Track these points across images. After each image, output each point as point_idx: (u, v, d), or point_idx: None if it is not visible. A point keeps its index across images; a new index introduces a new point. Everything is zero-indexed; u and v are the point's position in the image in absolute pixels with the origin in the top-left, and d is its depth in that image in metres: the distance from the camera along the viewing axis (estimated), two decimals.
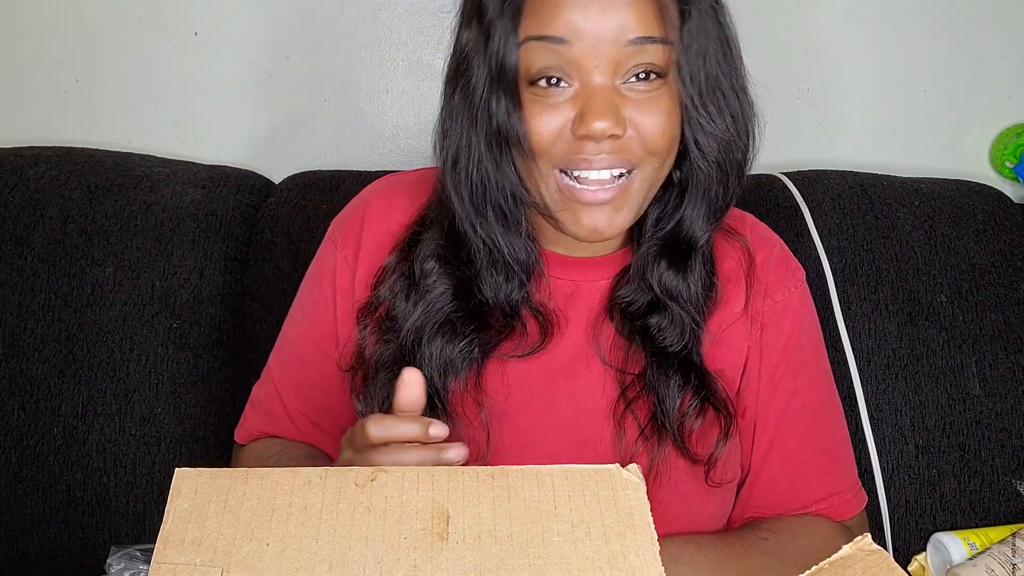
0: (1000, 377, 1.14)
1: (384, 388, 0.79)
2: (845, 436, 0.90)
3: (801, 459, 0.85)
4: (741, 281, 0.85)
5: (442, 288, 0.80)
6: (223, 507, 0.53)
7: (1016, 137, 1.36)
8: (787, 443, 0.85)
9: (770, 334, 0.84)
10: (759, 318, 0.84)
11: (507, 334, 0.81)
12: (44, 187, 1.17)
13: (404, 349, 0.80)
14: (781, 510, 0.86)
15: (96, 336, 1.12)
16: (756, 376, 0.84)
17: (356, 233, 0.86)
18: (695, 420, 0.79)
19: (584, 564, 0.50)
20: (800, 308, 0.86)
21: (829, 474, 0.87)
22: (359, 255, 0.85)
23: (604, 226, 0.74)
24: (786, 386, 0.85)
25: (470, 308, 0.80)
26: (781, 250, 0.89)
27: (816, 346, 0.89)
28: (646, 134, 0.72)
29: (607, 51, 0.69)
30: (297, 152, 1.37)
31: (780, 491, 0.85)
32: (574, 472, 0.56)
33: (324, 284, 0.87)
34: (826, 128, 1.37)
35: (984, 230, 1.21)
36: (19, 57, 1.33)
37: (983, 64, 1.36)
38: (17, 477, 1.10)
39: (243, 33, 1.32)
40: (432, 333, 0.79)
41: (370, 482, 0.54)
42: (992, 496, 1.12)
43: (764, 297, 0.85)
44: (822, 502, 0.85)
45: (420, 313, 0.79)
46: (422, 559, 0.50)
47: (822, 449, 0.86)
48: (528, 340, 0.81)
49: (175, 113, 1.35)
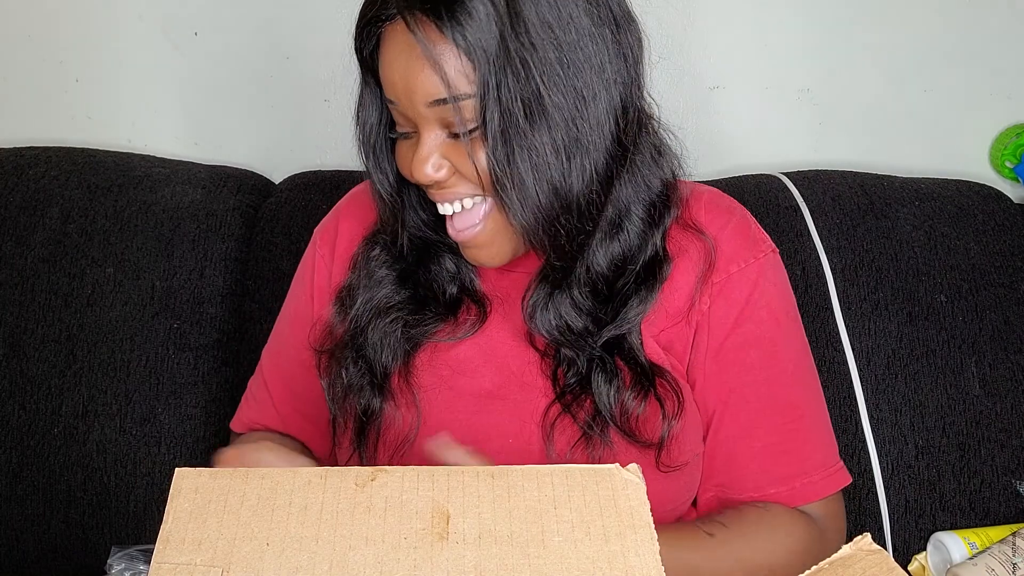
0: (1000, 377, 1.14)
1: (341, 366, 0.84)
2: (815, 414, 0.87)
3: (753, 437, 0.83)
4: (694, 273, 0.83)
5: (383, 274, 0.85)
6: (223, 507, 0.53)
7: (1016, 137, 1.36)
8: (736, 420, 0.83)
9: (719, 305, 0.83)
10: (710, 289, 0.83)
11: (441, 320, 0.85)
12: (44, 187, 1.18)
13: (350, 331, 0.85)
14: (738, 491, 0.84)
15: (96, 336, 1.12)
16: (704, 349, 0.83)
17: (332, 233, 0.93)
18: (639, 406, 0.79)
19: (584, 564, 0.50)
20: (759, 279, 0.84)
21: (787, 453, 0.83)
22: (335, 252, 0.91)
23: (485, 259, 0.80)
24: (735, 358, 0.83)
25: (407, 294, 0.85)
26: (740, 221, 0.87)
27: (778, 319, 0.85)
28: (468, 176, 0.75)
29: (418, 110, 0.73)
30: (297, 152, 1.37)
31: (733, 472, 0.83)
32: (574, 472, 0.56)
33: (304, 282, 0.93)
34: (826, 128, 1.37)
35: (984, 230, 1.21)
36: (19, 57, 1.33)
37: (983, 64, 1.36)
38: (17, 477, 1.10)
39: (243, 33, 1.32)
40: (370, 316, 0.84)
41: (370, 482, 0.54)
42: (992, 496, 1.12)
43: (717, 269, 0.83)
44: (781, 483, 0.83)
45: (363, 299, 0.85)
46: (422, 559, 0.50)
47: (778, 426, 0.83)
48: (461, 325, 0.85)
49: (175, 113, 1.35)
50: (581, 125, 0.73)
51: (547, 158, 0.72)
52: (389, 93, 0.76)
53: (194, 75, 1.34)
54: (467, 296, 0.86)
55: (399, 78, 0.73)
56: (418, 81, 0.72)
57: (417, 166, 0.75)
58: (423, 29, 0.70)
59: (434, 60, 0.70)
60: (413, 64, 0.72)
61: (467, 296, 0.86)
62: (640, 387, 0.80)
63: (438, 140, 0.75)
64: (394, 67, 0.73)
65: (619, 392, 0.79)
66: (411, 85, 0.72)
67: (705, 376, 0.84)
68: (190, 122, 1.36)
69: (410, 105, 0.74)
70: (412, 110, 0.74)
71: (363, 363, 0.84)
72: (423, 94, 0.72)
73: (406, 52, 0.72)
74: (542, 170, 0.73)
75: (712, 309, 0.83)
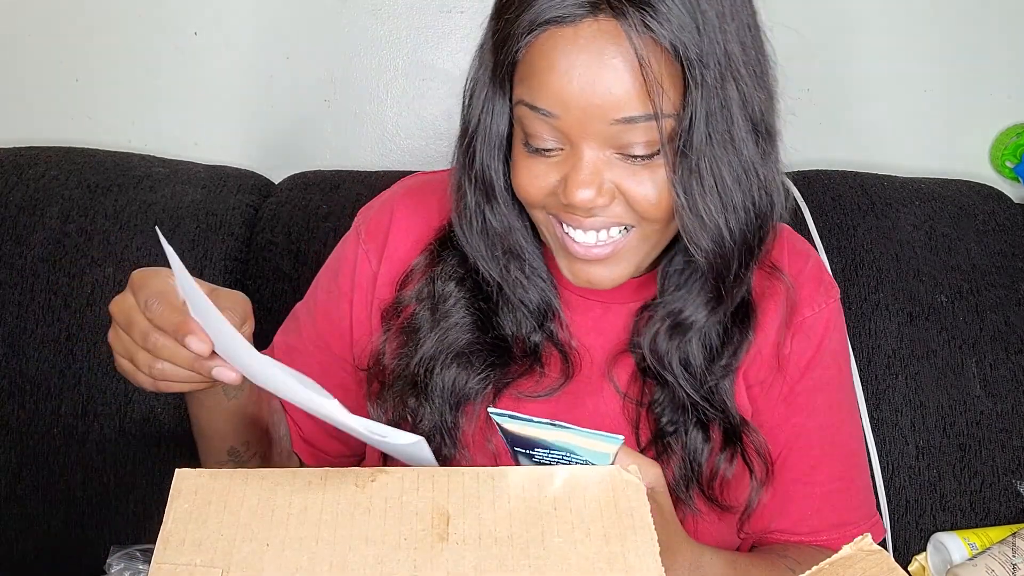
0: (1000, 377, 1.14)
1: (398, 399, 0.78)
2: (863, 465, 0.87)
3: (814, 482, 0.82)
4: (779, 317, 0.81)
5: (460, 316, 0.78)
6: (223, 507, 0.53)
7: (1016, 137, 1.36)
8: (800, 463, 0.82)
9: (795, 349, 0.81)
10: (788, 332, 0.81)
11: (526, 372, 0.78)
12: (44, 187, 1.17)
13: (418, 374, 0.78)
14: (789, 534, 0.83)
15: (96, 336, 1.12)
16: (776, 392, 0.82)
17: (383, 229, 0.83)
18: (728, 468, 0.76)
19: (584, 564, 0.50)
20: (829, 324, 0.82)
21: (844, 501, 0.83)
22: (384, 253, 0.82)
23: (599, 280, 0.72)
24: (804, 403, 0.82)
25: (488, 341, 0.78)
26: (815, 265, 0.85)
27: (841, 368, 0.84)
28: (636, 204, 0.68)
29: (594, 127, 0.65)
30: (297, 152, 1.37)
31: (790, 513, 0.82)
32: (574, 473, 0.56)
33: (342, 276, 0.85)
34: (826, 128, 1.37)
35: (984, 230, 1.21)
36: (19, 57, 1.33)
37: (983, 64, 1.36)
38: (17, 477, 1.10)
39: (243, 33, 1.32)
40: (447, 362, 0.77)
41: (370, 483, 0.54)
42: (992, 496, 1.12)
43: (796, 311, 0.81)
44: (833, 530, 0.82)
45: (436, 339, 0.77)
46: (422, 560, 0.50)
47: (837, 474, 0.83)
48: (547, 381, 0.78)
49: (175, 113, 1.35)
50: (775, 144, 0.71)
51: (756, 179, 0.68)
52: (547, 103, 0.65)
53: (194, 75, 1.34)
54: (551, 343, 0.79)
55: (577, 88, 0.63)
56: (610, 95, 0.63)
57: (577, 188, 0.66)
58: (638, 33, 0.62)
59: (648, 71, 0.62)
60: (605, 75, 0.63)
61: (551, 343, 0.79)
62: (731, 447, 0.77)
63: (604, 159, 0.66)
64: (571, 76, 0.63)
65: (711, 452, 0.76)
66: (594, 98, 0.63)
67: (773, 418, 0.82)
68: (190, 122, 1.36)
69: (581, 120, 0.64)
70: (581, 125, 0.65)
71: (432, 409, 0.77)
72: (611, 110, 0.64)
73: (595, 59, 0.63)
74: (751, 192, 0.68)
75: (789, 353, 0.81)
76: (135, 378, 0.66)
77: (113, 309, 0.65)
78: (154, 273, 0.64)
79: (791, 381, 0.81)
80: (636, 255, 0.72)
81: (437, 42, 1.34)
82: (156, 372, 0.64)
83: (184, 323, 0.61)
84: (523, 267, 0.77)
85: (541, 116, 0.66)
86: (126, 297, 0.64)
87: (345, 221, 0.89)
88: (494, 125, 0.70)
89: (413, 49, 1.34)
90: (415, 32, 1.34)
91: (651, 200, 0.67)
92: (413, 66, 1.35)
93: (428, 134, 1.37)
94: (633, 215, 0.69)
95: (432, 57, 1.35)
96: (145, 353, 0.63)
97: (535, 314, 0.78)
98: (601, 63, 0.63)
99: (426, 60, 1.35)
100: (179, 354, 0.62)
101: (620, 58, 0.62)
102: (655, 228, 0.70)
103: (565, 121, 0.65)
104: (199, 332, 0.60)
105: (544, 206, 0.71)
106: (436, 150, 1.37)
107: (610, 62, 0.63)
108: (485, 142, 0.71)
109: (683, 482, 0.76)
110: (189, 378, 0.64)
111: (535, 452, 0.61)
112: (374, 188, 0.97)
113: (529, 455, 0.61)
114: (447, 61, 1.35)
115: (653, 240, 0.72)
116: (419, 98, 1.36)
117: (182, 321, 0.61)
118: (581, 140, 0.66)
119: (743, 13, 0.68)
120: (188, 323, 0.61)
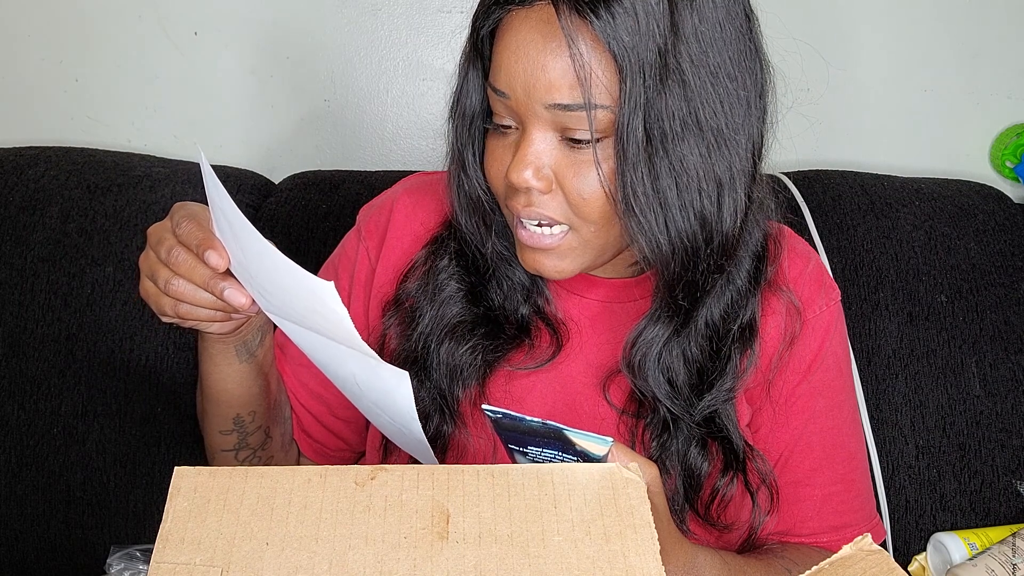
0: (1000, 377, 1.14)
1: None
2: (864, 467, 0.87)
3: (814, 484, 0.83)
4: (780, 337, 0.80)
5: (453, 288, 0.79)
6: (223, 506, 0.52)
7: (1016, 137, 1.36)
8: (800, 466, 0.82)
9: (794, 351, 0.81)
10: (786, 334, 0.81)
11: (516, 344, 0.79)
12: (44, 187, 1.17)
13: (417, 350, 0.79)
14: (788, 534, 0.83)
15: (96, 336, 1.12)
16: (776, 395, 0.82)
17: (382, 226, 0.85)
18: (728, 489, 0.76)
19: (584, 564, 0.50)
20: (830, 327, 0.82)
21: (844, 504, 0.84)
22: (382, 248, 0.84)
23: (547, 270, 0.72)
24: (804, 406, 0.82)
25: (480, 313, 0.79)
26: (816, 267, 0.84)
27: (841, 370, 0.84)
28: (569, 196, 0.68)
29: (534, 108, 0.66)
30: (297, 152, 1.37)
31: (790, 515, 0.83)
32: (574, 471, 0.56)
33: (341, 272, 0.87)
34: (826, 128, 1.37)
35: (984, 230, 1.21)
36: (19, 57, 1.33)
37: (983, 64, 1.36)
38: (17, 477, 1.10)
39: (243, 33, 1.32)
40: (441, 336, 0.78)
41: (370, 481, 0.54)
42: (992, 496, 1.12)
43: (794, 315, 0.81)
44: (833, 532, 0.83)
45: (432, 314, 0.79)
46: (422, 558, 0.50)
47: (838, 476, 0.83)
48: (537, 352, 0.79)
49: (175, 113, 1.35)
50: (733, 152, 0.68)
51: (699, 184, 0.66)
52: (500, 83, 0.67)
53: (194, 75, 1.34)
54: (539, 318, 0.80)
55: (521, 70, 0.65)
56: (546, 79, 0.65)
57: (516, 167, 0.67)
58: (572, 23, 0.63)
59: (578, 60, 0.63)
60: (544, 59, 0.64)
61: (539, 318, 0.80)
62: (732, 470, 0.77)
63: (547, 144, 0.67)
64: (518, 56, 0.66)
65: (710, 474, 0.75)
66: (534, 81, 0.65)
67: (774, 421, 0.82)
68: (190, 122, 1.36)
69: (525, 101, 0.66)
70: (525, 107, 0.67)
71: (431, 385, 0.78)
72: (546, 93, 0.65)
73: (538, 43, 0.65)
74: (691, 195, 0.66)
75: (789, 356, 0.81)
76: (157, 302, 0.67)
77: (149, 231, 0.68)
78: (193, 203, 0.68)
79: (791, 384, 0.82)
80: (580, 255, 0.72)
81: (437, 42, 1.34)
82: (172, 290, 0.65)
83: (207, 239, 0.64)
84: (505, 244, 0.78)
85: (497, 96, 0.68)
86: (163, 222, 0.67)
87: (345, 221, 0.89)
88: (468, 100, 0.73)
89: (413, 49, 1.35)
90: (415, 32, 1.34)
91: (583, 195, 0.67)
92: (413, 66, 1.35)
93: (428, 134, 1.37)
94: (569, 213, 0.69)
95: (432, 57, 1.35)
96: (166, 269, 0.65)
97: (521, 288, 0.80)
98: (544, 47, 0.65)
99: (426, 60, 1.35)
100: (196, 271, 0.64)
101: (560, 44, 0.64)
102: (591, 231, 0.70)
103: (513, 100, 0.67)
104: (219, 248, 0.63)
105: (500, 192, 0.73)
106: (436, 150, 1.36)
107: (550, 47, 0.64)
108: (462, 116, 0.74)
109: (674, 503, 0.75)
110: (204, 301, 0.66)
111: (528, 449, 0.61)
112: (374, 188, 0.97)
113: (523, 452, 0.62)
114: (447, 61, 1.35)
115: (596, 244, 0.71)
116: (419, 98, 1.36)
117: (205, 237, 0.64)
118: (527, 121, 0.67)
119: (718, 17, 0.67)
120: (211, 239, 0.64)
